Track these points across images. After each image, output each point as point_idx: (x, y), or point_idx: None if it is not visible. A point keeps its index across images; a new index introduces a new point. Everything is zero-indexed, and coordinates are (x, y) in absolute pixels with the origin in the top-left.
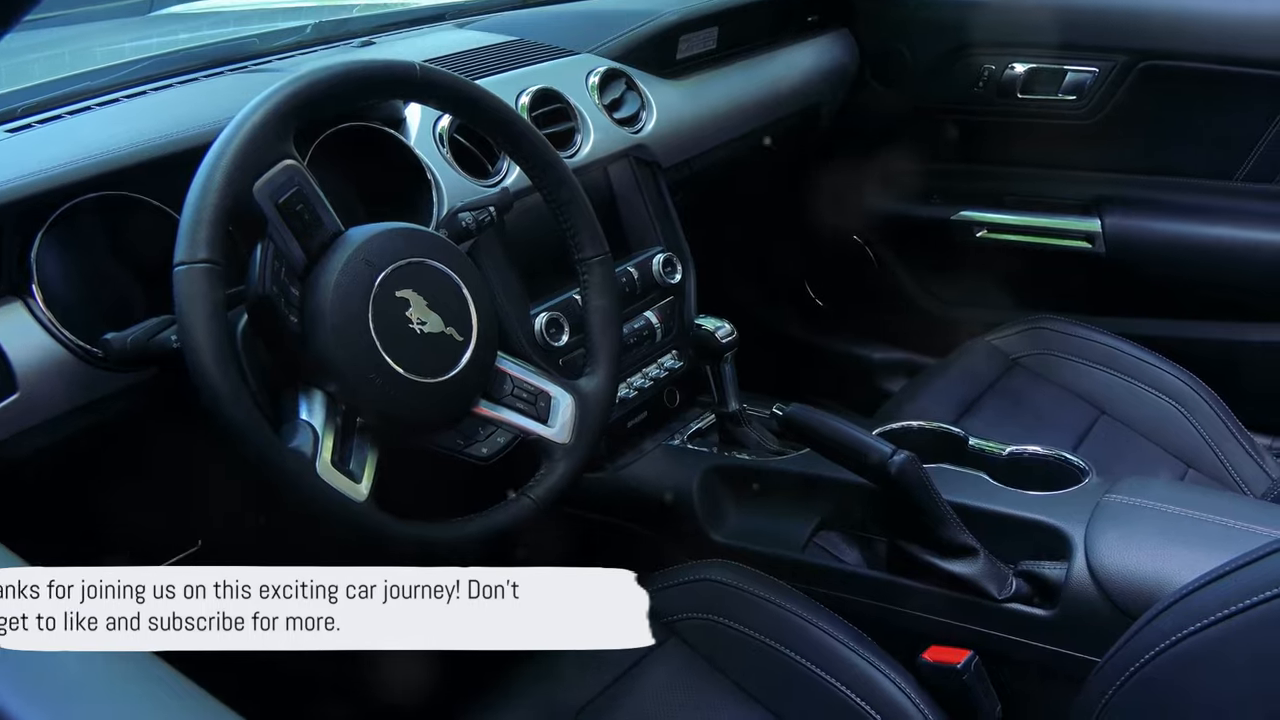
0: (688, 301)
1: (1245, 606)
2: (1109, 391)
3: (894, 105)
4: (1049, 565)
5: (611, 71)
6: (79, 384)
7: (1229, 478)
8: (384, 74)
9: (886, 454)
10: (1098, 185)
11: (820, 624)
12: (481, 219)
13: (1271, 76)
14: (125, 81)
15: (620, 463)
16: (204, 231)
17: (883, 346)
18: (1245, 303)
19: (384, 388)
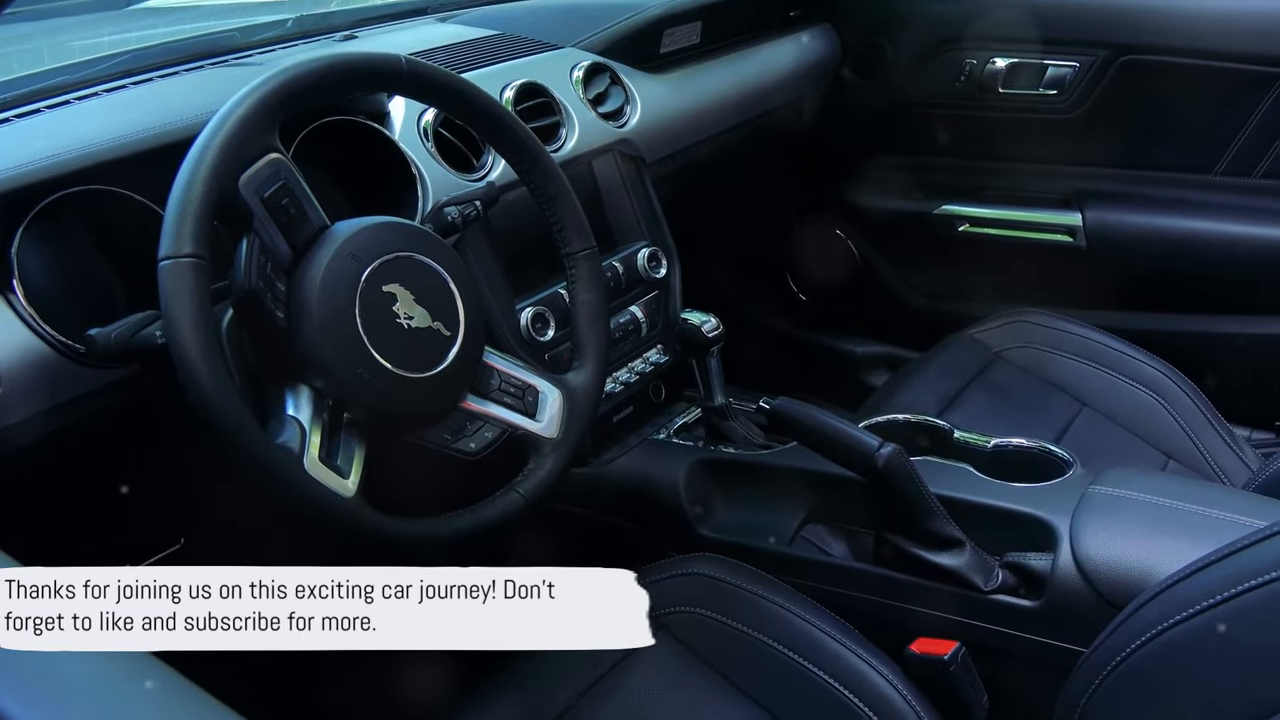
0: (673, 296)
1: (1230, 595)
2: (1090, 384)
3: (876, 100)
4: (1035, 556)
5: (596, 66)
6: (61, 380)
7: (1209, 469)
8: (370, 66)
9: (873, 447)
10: (1078, 179)
11: (807, 617)
12: (467, 213)
13: (1250, 71)
14: (104, 75)
15: (606, 457)
16: (189, 226)
17: (865, 340)
18: (1224, 295)
19: (371, 383)
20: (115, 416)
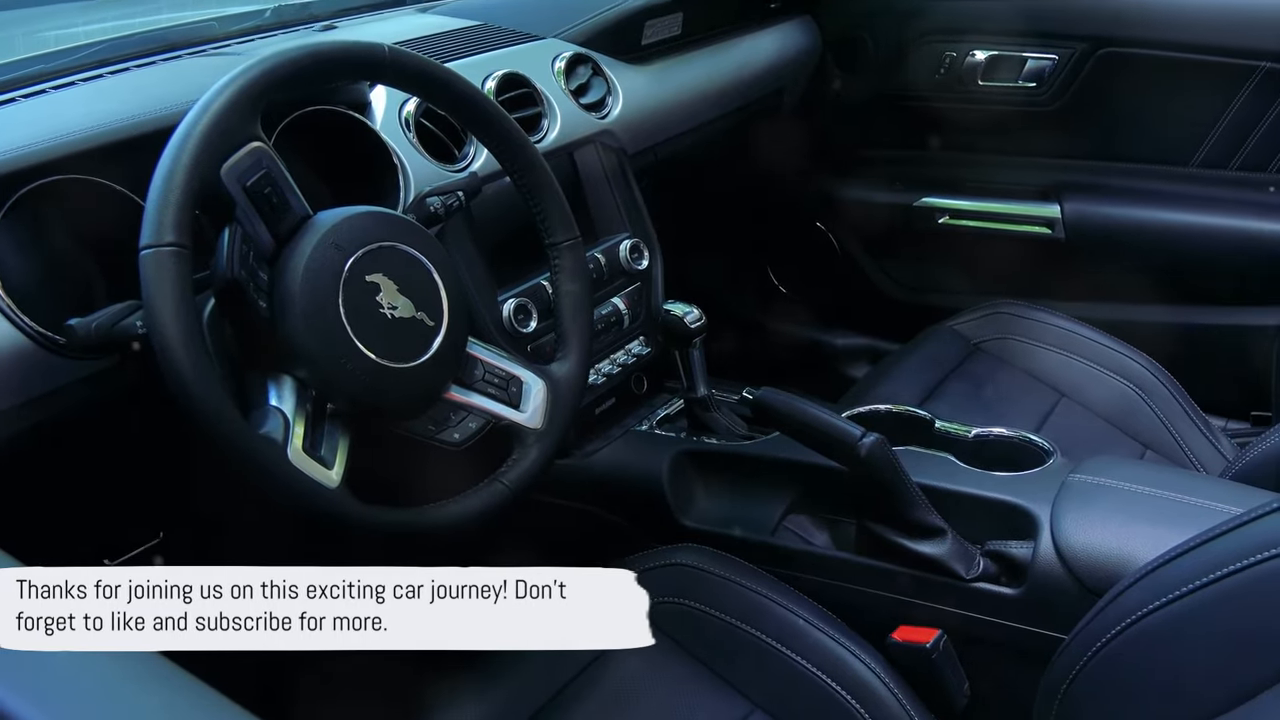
0: (655, 287)
1: (1209, 581)
2: (1068, 375)
3: (856, 92)
4: (1016, 545)
5: (577, 56)
6: (41, 372)
7: (1185, 459)
8: (353, 55)
9: (856, 436)
10: (1057, 171)
11: (790, 606)
12: (450, 204)
13: (1225, 63)
14: (81, 65)
15: (588, 449)
16: (171, 214)
17: (845, 332)
18: (1201, 287)
19: (355, 373)
20: (95, 409)
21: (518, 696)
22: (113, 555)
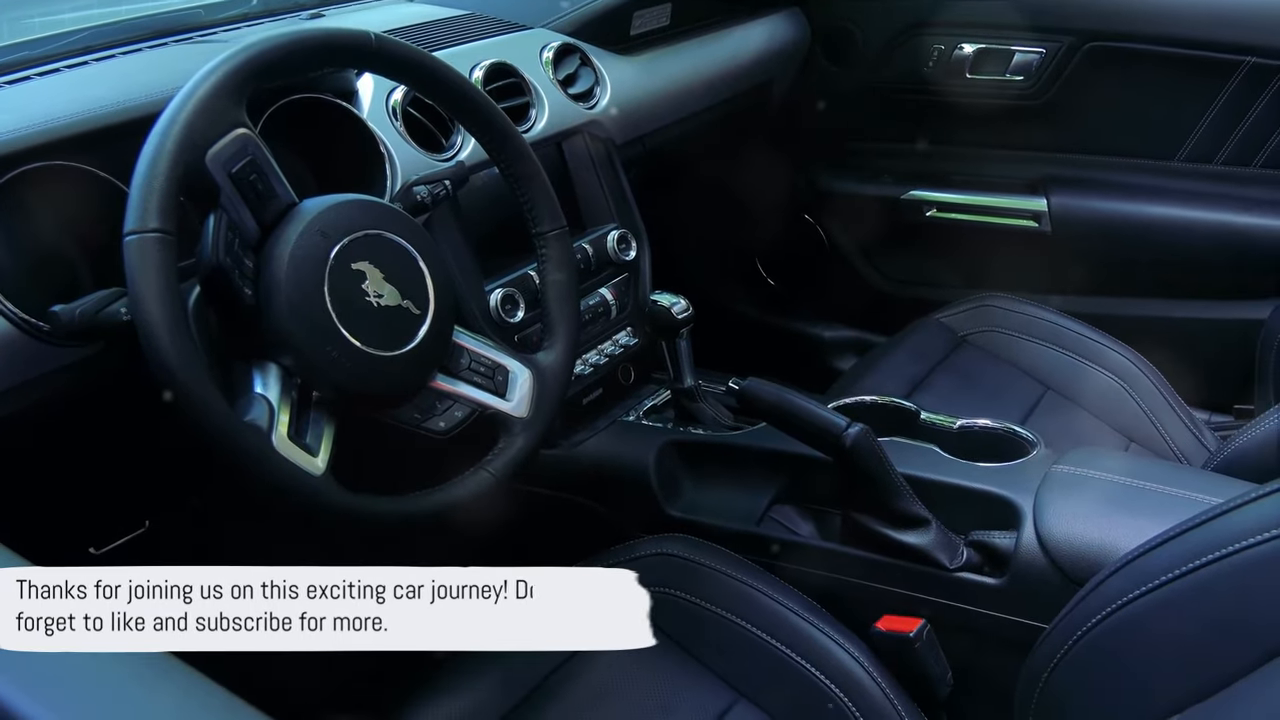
0: (642, 278)
1: (1188, 570)
2: (1054, 368)
3: (844, 84)
4: (999, 535)
5: (566, 46)
6: (24, 359)
7: (1169, 451)
8: (340, 42)
9: (841, 427)
10: (1044, 165)
11: (775, 596)
12: (436, 192)
13: (1211, 58)
14: (66, 51)
15: (575, 439)
16: (155, 200)
17: (833, 325)
18: (1186, 281)
19: (340, 361)
20: (79, 396)
21: (503, 681)
22: (99, 544)
